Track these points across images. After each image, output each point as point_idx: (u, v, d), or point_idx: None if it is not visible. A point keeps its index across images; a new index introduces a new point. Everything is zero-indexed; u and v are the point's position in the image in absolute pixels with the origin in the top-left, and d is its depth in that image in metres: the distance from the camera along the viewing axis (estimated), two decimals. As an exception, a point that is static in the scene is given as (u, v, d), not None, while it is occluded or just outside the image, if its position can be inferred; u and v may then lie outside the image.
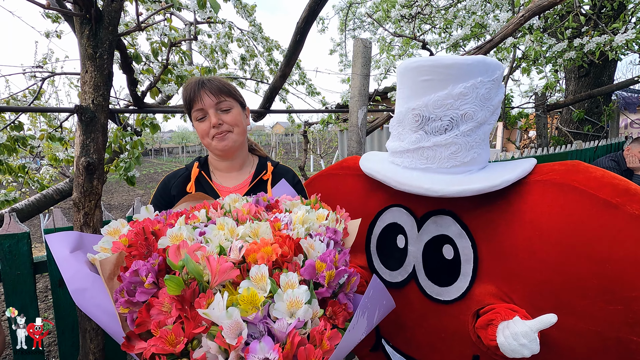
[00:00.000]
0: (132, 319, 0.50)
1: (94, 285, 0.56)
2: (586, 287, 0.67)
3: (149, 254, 0.54)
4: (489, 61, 0.80)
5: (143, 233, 0.56)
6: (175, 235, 0.56)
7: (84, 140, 0.94)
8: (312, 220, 0.70)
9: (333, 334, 0.49)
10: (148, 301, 0.49)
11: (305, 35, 1.35)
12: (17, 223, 1.10)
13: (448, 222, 0.85)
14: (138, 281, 0.50)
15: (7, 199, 1.84)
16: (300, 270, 0.53)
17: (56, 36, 2.83)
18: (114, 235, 0.63)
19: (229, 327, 0.43)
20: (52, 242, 0.63)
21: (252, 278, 0.48)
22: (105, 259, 0.55)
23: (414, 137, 0.85)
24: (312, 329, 0.48)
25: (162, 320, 0.47)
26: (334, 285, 0.56)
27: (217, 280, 0.48)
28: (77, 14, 0.86)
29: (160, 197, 0.99)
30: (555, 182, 0.74)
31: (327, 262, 0.55)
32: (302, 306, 0.47)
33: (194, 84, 0.93)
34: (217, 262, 0.48)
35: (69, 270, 0.58)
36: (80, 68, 0.93)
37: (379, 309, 0.62)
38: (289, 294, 0.48)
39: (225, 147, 0.96)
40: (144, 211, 0.72)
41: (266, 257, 0.52)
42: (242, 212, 0.70)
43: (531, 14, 1.40)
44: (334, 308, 0.56)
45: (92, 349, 1.04)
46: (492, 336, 0.71)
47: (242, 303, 0.45)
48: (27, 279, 1.13)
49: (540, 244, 0.73)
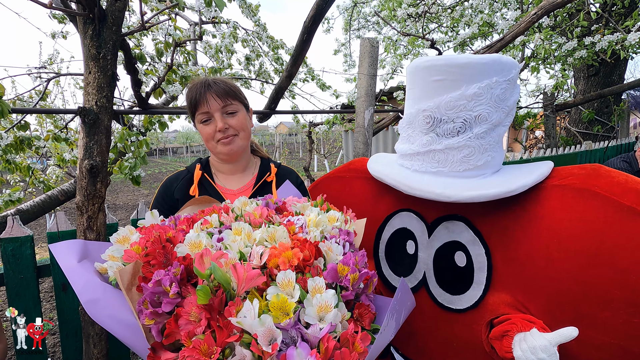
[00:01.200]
0: (158, 330, 0.49)
1: (106, 295, 0.54)
2: (609, 299, 0.64)
3: (167, 263, 0.53)
4: (505, 60, 0.76)
5: (159, 241, 0.55)
6: (194, 243, 0.56)
7: (87, 143, 0.93)
8: (325, 223, 0.70)
9: (364, 336, 0.50)
10: (175, 311, 0.48)
11: (313, 34, 1.32)
12: (21, 226, 1.09)
13: (460, 228, 0.82)
14: (161, 291, 0.49)
15: (11, 199, 1.84)
16: (324, 274, 0.54)
17: (62, 37, 2.84)
18: (124, 244, 0.61)
19: (262, 334, 0.43)
20: (57, 253, 0.61)
21: (279, 284, 0.49)
22: (123, 269, 0.54)
23: (424, 140, 0.82)
24: (343, 332, 0.49)
25: (192, 330, 0.46)
26: (356, 287, 0.57)
27: (243, 287, 0.48)
28: (80, 13, 0.84)
29: (162, 201, 0.97)
30: (575, 187, 0.71)
31: (350, 265, 0.56)
32: (331, 310, 0.47)
33: (199, 86, 0.91)
34: (243, 270, 0.48)
35: (79, 282, 0.56)
36: (83, 69, 0.92)
37: (405, 310, 0.63)
38: (318, 298, 0.48)
39: (230, 151, 0.94)
40: (149, 217, 0.71)
41: (288, 262, 0.53)
42: (254, 215, 0.69)
43: (544, 11, 1.36)
44: (360, 310, 0.57)
45: (95, 354, 1.03)
46: (507, 348, 0.68)
47: (272, 310, 0.45)
48: (31, 282, 1.11)
49: (559, 252, 0.69)
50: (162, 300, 0.48)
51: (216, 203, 0.83)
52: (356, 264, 0.59)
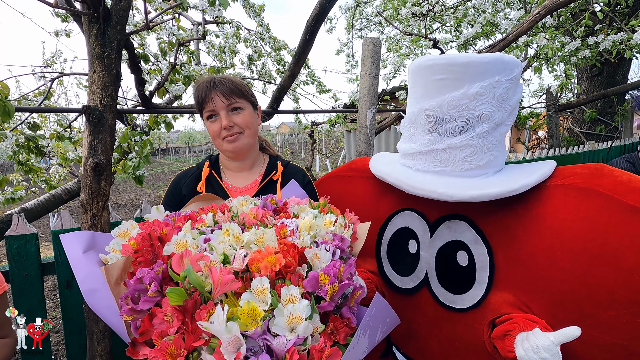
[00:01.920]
0: (136, 326, 0.50)
1: (105, 286, 0.56)
2: (612, 299, 0.63)
3: (154, 261, 0.53)
4: (507, 59, 0.76)
5: (149, 238, 0.55)
6: (180, 242, 0.56)
7: (91, 141, 0.94)
8: (319, 227, 0.68)
9: (333, 352, 0.48)
10: (151, 310, 0.48)
11: (315, 34, 1.33)
12: (26, 224, 1.10)
13: (462, 227, 0.82)
14: (142, 289, 0.49)
15: (13, 196, 1.85)
16: (303, 283, 0.52)
17: (65, 35, 2.86)
18: (124, 237, 0.62)
19: (228, 341, 0.42)
20: (65, 242, 0.63)
21: (254, 290, 0.48)
22: (112, 264, 0.55)
23: (427, 139, 0.82)
24: (312, 347, 0.47)
25: (164, 330, 0.46)
26: (336, 299, 0.55)
27: (219, 291, 0.47)
28: (85, 12, 0.85)
29: (171, 196, 0.99)
30: (578, 186, 0.71)
31: (331, 276, 0.53)
32: (302, 322, 0.46)
33: (205, 84, 0.92)
34: (219, 274, 0.47)
35: (82, 271, 0.58)
36: (88, 68, 0.92)
37: (382, 327, 0.60)
38: (290, 308, 0.47)
39: (235, 148, 0.95)
40: (155, 212, 0.72)
41: (269, 267, 0.51)
42: (249, 216, 0.69)
43: (547, 11, 1.35)
44: (335, 324, 0.54)
45: (99, 352, 1.04)
46: (509, 347, 0.68)
47: (242, 317, 0.45)
48: (35, 280, 1.13)
49: (562, 252, 0.69)
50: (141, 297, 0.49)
51: (220, 200, 0.84)
52: (339, 274, 0.55)
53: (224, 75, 0.96)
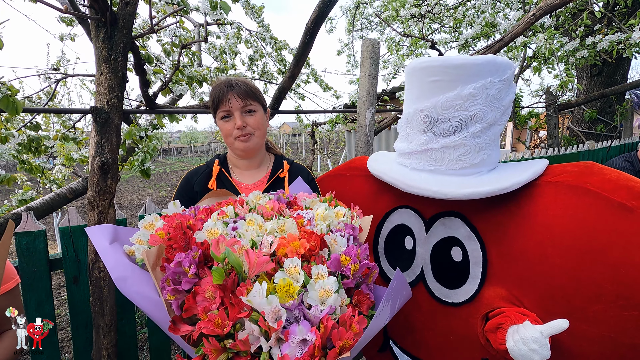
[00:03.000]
0: (178, 305, 0.55)
1: (134, 273, 0.61)
2: (600, 293, 0.66)
3: (187, 247, 0.58)
4: (499, 61, 0.79)
5: (181, 228, 0.61)
6: (211, 230, 0.62)
7: (98, 141, 0.97)
8: (332, 217, 0.74)
9: (360, 319, 0.54)
10: (193, 289, 0.54)
11: (314, 36, 1.35)
12: (34, 221, 1.13)
13: (457, 224, 0.85)
14: (181, 271, 0.54)
15: (24, 198, 1.89)
16: (327, 263, 0.58)
17: (70, 39, 2.90)
18: (150, 229, 0.68)
19: (269, 312, 0.48)
20: (92, 234, 0.68)
21: (286, 269, 0.54)
22: (149, 251, 0.60)
23: (422, 139, 0.84)
24: (342, 315, 0.53)
25: (207, 306, 0.51)
26: (357, 277, 0.61)
27: (254, 271, 0.53)
28: (93, 17, 0.88)
29: (183, 192, 1.04)
30: (568, 184, 0.73)
31: (352, 256, 0.60)
32: (332, 295, 0.52)
33: (223, 85, 0.97)
34: (255, 255, 0.53)
35: (111, 260, 0.62)
36: (95, 70, 0.96)
37: (400, 298, 0.67)
38: (320, 284, 0.53)
39: (247, 148, 1.00)
40: (172, 206, 0.78)
41: (295, 251, 0.57)
42: (266, 208, 0.75)
43: (542, 12, 1.37)
44: (359, 297, 0.61)
45: (105, 345, 1.07)
46: (501, 340, 0.70)
47: (279, 292, 0.50)
48: (44, 275, 1.16)
49: (552, 247, 0.71)
50: (182, 279, 0.54)
51: (232, 196, 0.89)
52: (358, 255, 0.63)
53: (239, 78, 1.01)
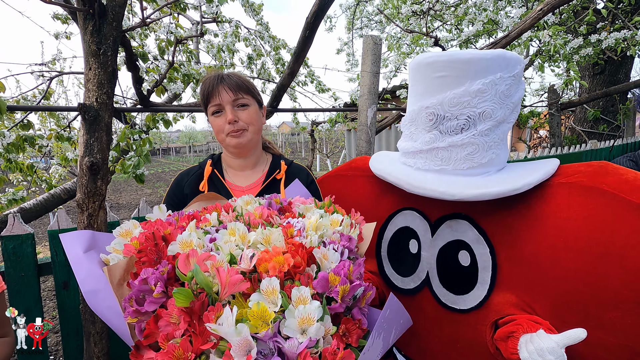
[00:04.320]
0: (141, 329, 0.48)
1: (107, 287, 0.55)
2: (618, 299, 0.62)
3: (158, 261, 0.52)
4: (509, 55, 0.75)
5: (153, 238, 0.54)
6: (185, 242, 0.54)
7: (87, 140, 0.92)
8: (326, 226, 0.67)
9: (346, 354, 0.46)
10: (156, 312, 0.47)
11: (315, 30, 1.31)
12: (22, 224, 1.09)
13: (464, 226, 0.81)
14: (147, 289, 0.48)
15: (15, 197, 1.85)
16: (313, 283, 0.50)
17: (65, 37, 2.85)
18: (126, 237, 0.61)
19: (237, 344, 0.41)
20: (65, 242, 0.62)
21: (263, 291, 0.46)
22: (114, 264, 0.54)
23: (427, 137, 0.80)
24: (324, 349, 0.46)
25: (170, 333, 0.45)
26: (347, 300, 0.53)
27: (226, 292, 0.46)
28: (80, 9, 0.84)
29: (173, 196, 0.98)
30: (583, 185, 0.69)
31: (341, 276, 0.52)
32: (314, 323, 0.44)
33: (213, 79, 0.92)
34: (226, 274, 0.46)
35: (82, 271, 0.56)
36: (84, 66, 0.91)
37: (396, 328, 0.59)
38: (301, 310, 0.45)
39: (239, 144, 0.94)
40: (157, 211, 0.71)
41: (278, 267, 0.50)
42: (254, 215, 0.67)
43: (550, 7, 1.34)
44: (347, 325, 0.52)
45: (96, 353, 1.03)
46: (512, 349, 0.67)
47: (251, 318, 0.43)
48: (32, 280, 1.12)
49: (566, 251, 0.68)
50: (147, 298, 0.47)
51: (223, 200, 0.83)
52: (349, 274, 0.54)
53: (231, 71, 0.95)
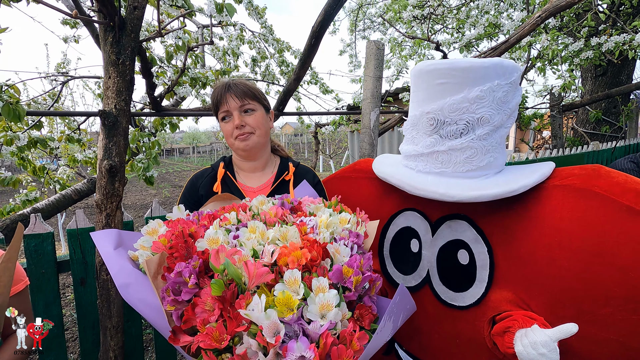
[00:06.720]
0: (178, 315, 0.55)
1: (137, 280, 0.60)
2: (609, 296, 0.65)
3: (188, 256, 0.58)
4: (506, 63, 0.79)
5: (182, 236, 0.60)
6: (212, 239, 0.61)
7: (106, 144, 0.98)
8: (336, 224, 0.73)
9: (361, 335, 0.53)
10: (193, 300, 0.53)
11: (320, 39, 1.36)
12: (42, 223, 1.14)
13: (463, 226, 0.85)
14: (182, 281, 0.54)
15: (28, 198, 1.91)
16: (329, 275, 0.57)
17: (74, 41, 2.92)
18: (153, 235, 0.67)
19: (267, 327, 0.47)
20: (96, 239, 0.68)
21: (286, 281, 0.53)
22: (150, 259, 0.60)
23: (428, 141, 0.84)
24: (342, 330, 0.52)
25: (206, 318, 0.51)
26: (360, 289, 0.60)
27: (254, 282, 0.52)
28: (101, 22, 0.89)
29: (188, 196, 1.04)
30: (576, 187, 0.73)
31: (354, 268, 0.58)
32: (332, 309, 0.51)
33: (221, 87, 0.99)
34: (254, 267, 0.52)
35: (115, 266, 0.62)
36: (103, 74, 0.96)
37: (403, 313, 0.66)
38: (321, 297, 0.51)
39: (246, 147, 1.00)
40: (176, 211, 0.77)
41: (296, 261, 0.56)
42: (269, 214, 0.73)
43: (548, 14, 1.37)
44: (360, 311, 0.59)
45: (112, 346, 1.07)
46: (509, 344, 0.70)
47: (278, 305, 0.49)
48: (51, 277, 1.17)
49: (560, 250, 0.71)
50: (182, 289, 0.53)
51: (237, 200, 0.89)
52: (361, 266, 0.61)
53: (238, 79, 1.02)
